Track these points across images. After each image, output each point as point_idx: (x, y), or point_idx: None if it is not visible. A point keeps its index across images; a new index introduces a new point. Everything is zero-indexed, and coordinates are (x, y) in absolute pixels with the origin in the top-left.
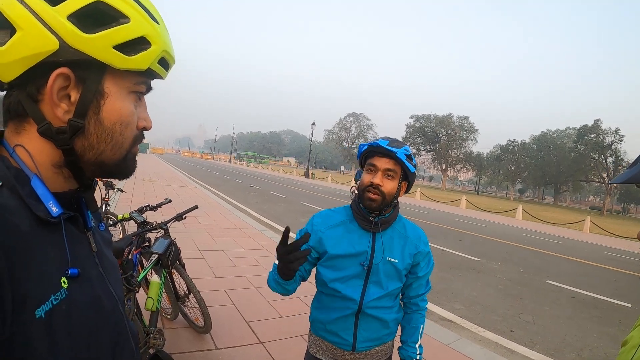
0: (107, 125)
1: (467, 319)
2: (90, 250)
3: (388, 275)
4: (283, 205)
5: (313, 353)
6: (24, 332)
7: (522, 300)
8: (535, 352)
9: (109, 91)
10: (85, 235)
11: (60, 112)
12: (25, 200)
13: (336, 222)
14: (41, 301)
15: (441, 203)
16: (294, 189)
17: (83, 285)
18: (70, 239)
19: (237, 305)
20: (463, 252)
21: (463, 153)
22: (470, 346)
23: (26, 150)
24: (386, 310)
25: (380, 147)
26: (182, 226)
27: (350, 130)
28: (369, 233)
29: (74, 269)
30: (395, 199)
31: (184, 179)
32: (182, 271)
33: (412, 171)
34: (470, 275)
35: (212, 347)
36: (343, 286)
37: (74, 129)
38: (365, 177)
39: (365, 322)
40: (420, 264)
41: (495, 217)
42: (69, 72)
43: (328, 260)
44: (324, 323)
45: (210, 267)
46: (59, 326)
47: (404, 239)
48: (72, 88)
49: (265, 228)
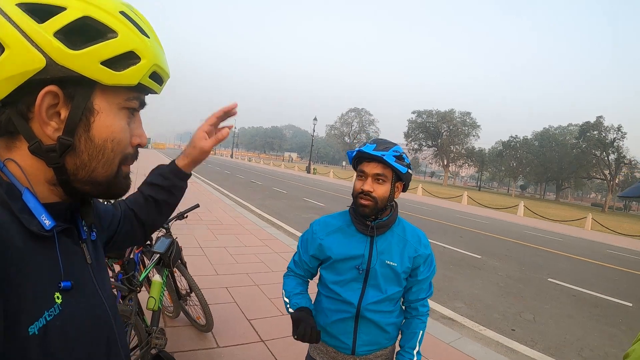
0: (98, 142)
1: (468, 317)
2: (84, 262)
3: (387, 278)
4: (284, 201)
5: (313, 356)
6: (18, 349)
7: (523, 298)
8: (535, 351)
9: (99, 108)
10: (79, 246)
11: (49, 130)
12: (18, 215)
13: (334, 227)
14: (35, 317)
15: (442, 199)
16: (295, 185)
17: (77, 299)
18: (64, 252)
19: (239, 303)
20: (464, 249)
21: (465, 149)
22: (471, 345)
23: (17, 164)
24: (386, 314)
25: (366, 154)
26: (184, 222)
27: (352, 125)
28: (367, 237)
29: (66, 282)
30: (391, 202)
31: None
32: (184, 270)
33: (403, 172)
34: (471, 273)
35: (214, 345)
36: (342, 289)
37: (64, 147)
38: (357, 184)
39: (365, 326)
40: (420, 268)
41: (496, 213)
42: (57, 90)
43: (329, 264)
44: (323, 326)
45: (212, 264)
46: (54, 342)
47: (403, 242)
48: (62, 105)
49: (266, 224)
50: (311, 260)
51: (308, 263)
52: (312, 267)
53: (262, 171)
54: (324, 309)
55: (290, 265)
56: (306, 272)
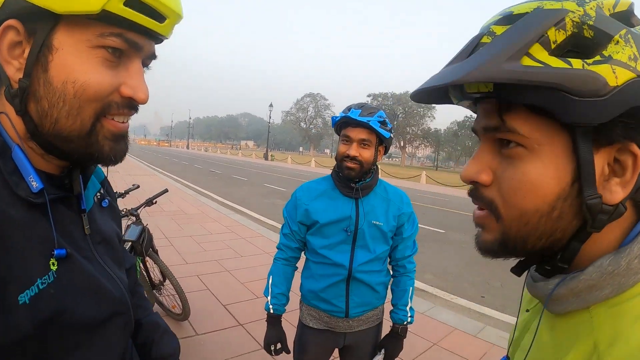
0: (57, 85)
1: (438, 287)
2: (83, 233)
3: (374, 238)
4: (245, 188)
5: (306, 323)
6: (7, 318)
7: (489, 267)
8: (506, 314)
9: (59, 44)
10: (79, 216)
11: (11, 71)
12: (7, 177)
13: (319, 192)
14: (25, 286)
15: (402, 179)
16: (255, 172)
17: (74, 267)
18: (59, 221)
19: (212, 290)
20: (428, 225)
21: (421, 130)
22: (444, 313)
23: (8, 118)
24: (375, 274)
25: (352, 119)
26: (146, 214)
27: (308, 110)
28: (352, 199)
29: (61, 250)
30: (374, 165)
31: (143, 167)
32: (156, 257)
33: (387, 137)
34: (437, 247)
35: (192, 333)
36: (332, 252)
37: (22, 90)
38: (341, 148)
39: (356, 288)
40: (404, 225)
41: (455, 190)
42: (16, 24)
43: (317, 229)
44: (315, 292)
45: (180, 254)
46: (47, 311)
47: (386, 202)
48: (25, 43)
49: (230, 211)
50: (300, 228)
51: (298, 232)
52: (303, 235)
53: (220, 160)
54: (314, 275)
55: (282, 241)
56: (299, 242)
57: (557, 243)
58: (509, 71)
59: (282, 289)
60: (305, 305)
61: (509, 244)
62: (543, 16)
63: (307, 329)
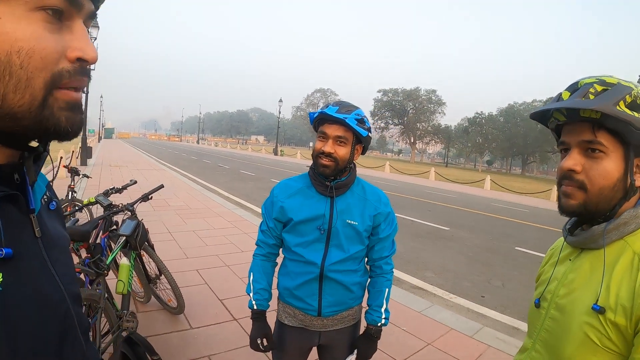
0: (1, 57)
1: (438, 286)
2: (33, 235)
3: (349, 238)
4: (252, 183)
5: (282, 320)
6: None
7: (491, 266)
8: (506, 315)
9: None
10: (27, 217)
11: None
12: None
13: (295, 189)
14: None
15: (410, 175)
16: (263, 167)
17: (20, 272)
18: (5, 220)
19: (210, 284)
20: (432, 221)
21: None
22: (443, 312)
23: None
24: (350, 273)
25: (329, 116)
26: (152, 209)
27: (318, 105)
28: (327, 197)
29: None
30: (350, 163)
31: (151, 162)
32: (152, 252)
33: (364, 135)
34: (440, 244)
35: (187, 327)
36: (305, 250)
37: None
38: (317, 144)
39: (329, 287)
40: (381, 225)
41: (464, 187)
42: None
43: (291, 227)
44: (289, 289)
45: (181, 248)
46: None
47: (363, 201)
48: None
49: (234, 206)
50: (276, 225)
51: (274, 229)
52: (279, 232)
53: (229, 155)
54: (289, 273)
55: (260, 238)
56: (276, 239)
57: (609, 205)
58: (616, 110)
59: (263, 284)
60: (282, 303)
61: (589, 206)
62: (624, 88)
63: (283, 327)
